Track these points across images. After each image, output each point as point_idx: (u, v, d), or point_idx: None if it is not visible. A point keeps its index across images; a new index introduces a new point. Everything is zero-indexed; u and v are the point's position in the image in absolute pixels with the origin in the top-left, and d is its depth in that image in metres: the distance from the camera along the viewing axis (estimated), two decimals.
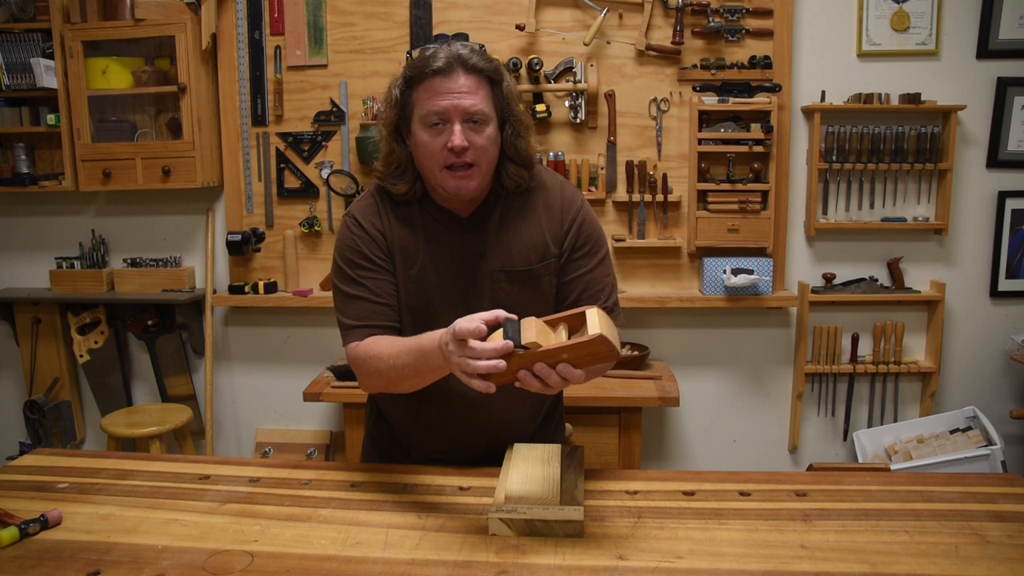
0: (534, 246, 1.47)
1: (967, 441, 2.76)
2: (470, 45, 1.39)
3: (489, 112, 1.37)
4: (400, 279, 1.47)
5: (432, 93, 1.35)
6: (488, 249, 1.46)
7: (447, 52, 1.35)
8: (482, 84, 1.37)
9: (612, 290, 1.51)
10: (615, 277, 1.55)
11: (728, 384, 3.10)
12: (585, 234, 1.49)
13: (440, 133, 1.35)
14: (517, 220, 1.47)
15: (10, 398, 3.43)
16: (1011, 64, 2.85)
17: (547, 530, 1.25)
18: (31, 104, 3.06)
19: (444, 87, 1.34)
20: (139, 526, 1.31)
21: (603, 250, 1.52)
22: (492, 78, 1.39)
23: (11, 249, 3.31)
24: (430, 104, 1.35)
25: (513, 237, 1.47)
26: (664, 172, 2.90)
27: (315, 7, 2.93)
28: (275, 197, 3.06)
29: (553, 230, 1.48)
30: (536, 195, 1.49)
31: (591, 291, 1.48)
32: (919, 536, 1.24)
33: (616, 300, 1.52)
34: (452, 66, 1.34)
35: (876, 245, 2.99)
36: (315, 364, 3.16)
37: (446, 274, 1.46)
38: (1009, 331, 3.01)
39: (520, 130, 1.43)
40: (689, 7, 2.80)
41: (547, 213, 1.49)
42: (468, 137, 1.35)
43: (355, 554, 1.21)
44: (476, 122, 1.36)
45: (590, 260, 1.49)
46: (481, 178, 1.40)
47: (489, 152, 1.39)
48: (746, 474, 1.51)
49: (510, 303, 1.41)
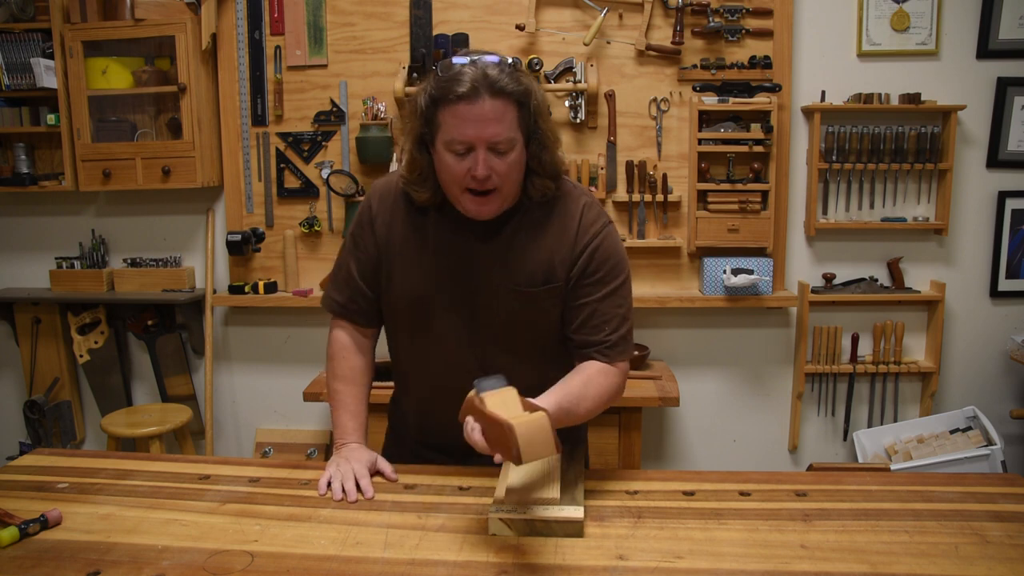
0: (541, 268, 1.44)
1: (967, 441, 2.76)
2: (500, 63, 1.33)
3: (514, 136, 1.34)
4: (398, 270, 1.49)
5: (457, 119, 1.31)
6: (495, 262, 1.45)
7: (473, 74, 1.30)
8: (508, 107, 1.32)
9: (620, 324, 1.45)
10: (630, 309, 1.48)
11: (728, 384, 3.10)
12: (598, 261, 1.44)
13: (464, 158, 1.34)
14: (530, 236, 1.45)
15: (10, 398, 3.43)
16: (1011, 64, 2.85)
17: (547, 530, 1.25)
18: (31, 104, 3.06)
19: (469, 114, 1.30)
20: (139, 526, 1.31)
21: (617, 280, 1.46)
22: (520, 100, 1.34)
23: (11, 249, 3.31)
24: (455, 131, 1.32)
25: (521, 255, 1.44)
26: (664, 172, 2.90)
27: (315, 7, 2.93)
28: (275, 197, 3.06)
29: (563, 254, 1.44)
30: (555, 212, 1.46)
31: (594, 322, 1.45)
32: (919, 536, 1.24)
33: (623, 335, 1.46)
34: (478, 91, 1.29)
35: (876, 245, 2.99)
36: (315, 364, 3.16)
37: (450, 280, 1.46)
38: (1009, 331, 3.01)
39: (547, 143, 1.40)
40: (689, 7, 2.80)
41: (561, 235, 1.45)
42: (491, 163, 1.33)
43: (355, 554, 1.21)
44: (500, 151, 1.34)
45: (599, 289, 1.45)
46: (502, 201, 1.39)
47: (512, 176, 1.37)
48: (746, 474, 1.51)
49: (510, 317, 1.44)
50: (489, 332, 1.47)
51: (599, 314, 1.45)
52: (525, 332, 1.48)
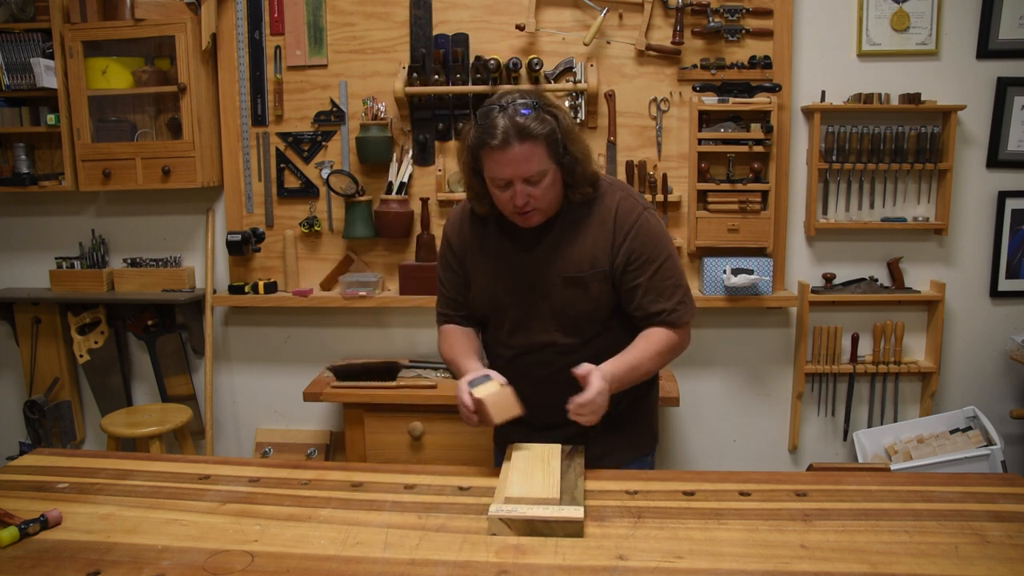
0: (586, 256, 1.66)
1: (967, 441, 2.76)
2: (527, 101, 1.56)
3: (545, 168, 1.57)
4: (475, 277, 1.76)
5: (493, 163, 1.57)
6: (547, 258, 1.68)
7: (504, 125, 1.53)
8: (537, 147, 1.55)
9: (673, 292, 1.68)
10: (681, 275, 1.71)
11: (728, 384, 3.10)
12: (639, 247, 1.65)
13: (505, 190, 1.59)
14: (575, 232, 1.68)
15: (10, 398, 3.43)
16: (1011, 64, 2.85)
17: (547, 530, 1.25)
18: (31, 104, 3.06)
19: (503, 159, 1.55)
20: (139, 526, 1.31)
21: (660, 257, 1.67)
22: (547, 137, 1.56)
23: (11, 249, 3.32)
24: (494, 171, 1.58)
25: (569, 246, 1.67)
26: (664, 172, 2.90)
27: (315, 7, 2.93)
28: (275, 197, 3.06)
29: (604, 244, 1.66)
30: (595, 208, 1.68)
31: (650, 296, 1.67)
32: (919, 536, 1.24)
33: (679, 300, 1.68)
34: (508, 140, 1.53)
35: (876, 245, 2.99)
36: (315, 364, 3.17)
37: (512, 278, 1.71)
38: (1009, 331, 3.01)
39: (579, 157, 1.62)
40: (689, 7, 2.80)
41: (601, 227, 1.67)
42: (528, 192, 1.58)
43: (355, 554, 1.21)
44: (534, 182, 1.57)
45: (646, 269, 1.66)
46: (544, 214, 1.64)
47: (549, 195, 1.61)
48: (746, 474, 1.52)
49: (564, 304, 1.67)
50: (551, 319, 1.69)
51: (652, 290, 1.66)
52: (580, 315, 1.69)
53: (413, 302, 2.94)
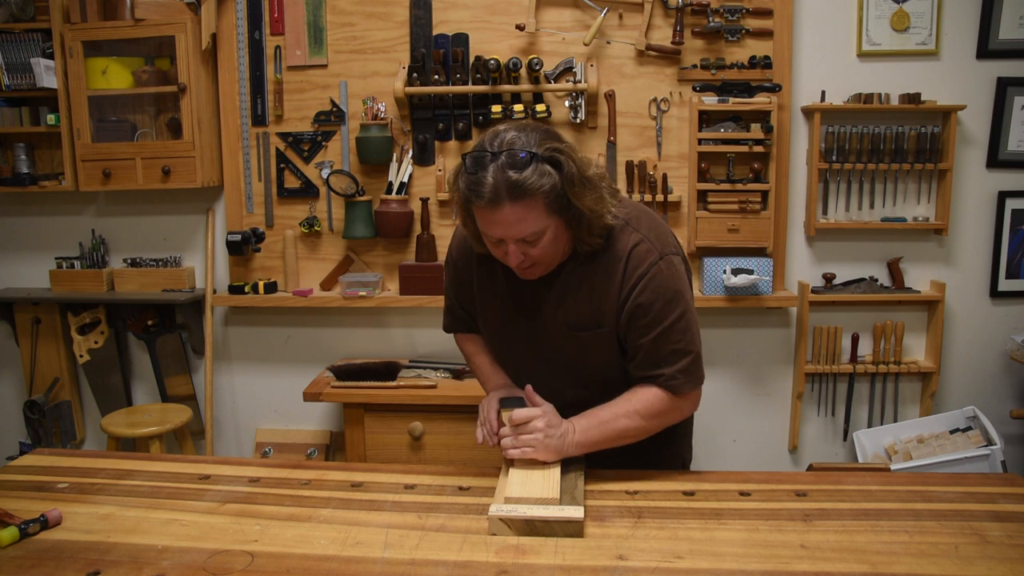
0: (590, 314, 1.50)
1: (967, 441, 2.76)
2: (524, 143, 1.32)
3: (544, 226, 1.37)
4: (481, 312, 1.65)
5: (484, 221, 1.37)
6: (552, 305, 1.52)
7: (494, 182, 1.30)
8: (533, 204, 1.33)
9: (679, 357, 1.48)
10: (691, 340, 1.50)
11: (728, 384, 3.10)
12: (646, 302, 1.45)
13: (499, 247, 1.42)
14: (580, 282, 1.50)
15: (10, 398, 3.43)
16: (1011, 64, 2.85)
17: (547, 530, 1.25)
18: (31, 104, 3.06)
19: (492, 220, 1.35)
20: (139, 526, 1.31)
21: (668, 317, 1.45)
22: (546, 192, 1.33)
23: (11, 249, 3.31)
24: (485, 228, 1.39)
25: (574, 300, 1.50)
26: (664, 172, 2.90)
27: (315, 7, 2.93)
28: (275, 197, 3.06)
29: (610, 302, 1.48)
30: (602, 260, 1.48)
31: (650, 360, 1.49)
32: (919, 536, 1.24)
33: (681, 368, 1.48)
34: (498, 200, 1.31)
35: (876, 245, 2.99)
36: (315, 364, 3.17)
37: (518, 314, 1.57)
38: (1009, 331, 3.01)
39: (586, 211, 1.39)
40: (689, 7, 2.80)
41: (607, 283, 1.48)
42: (524, 251, 1.39)
43: (355, 554, 1.21)
44: (529, 241, 1.38)
45: (651, 330, 1.46)
46: (547, 267, 1.46)
47: (549, 251, 1.42)
48: (746, 474, 1.52)
49: (569, 355, 1.54)
50: (557, 366, 1.57)
51: (654, 354, 1.48)
52: (585, 368, 1.56)
53: (413, 302, 2.94)
